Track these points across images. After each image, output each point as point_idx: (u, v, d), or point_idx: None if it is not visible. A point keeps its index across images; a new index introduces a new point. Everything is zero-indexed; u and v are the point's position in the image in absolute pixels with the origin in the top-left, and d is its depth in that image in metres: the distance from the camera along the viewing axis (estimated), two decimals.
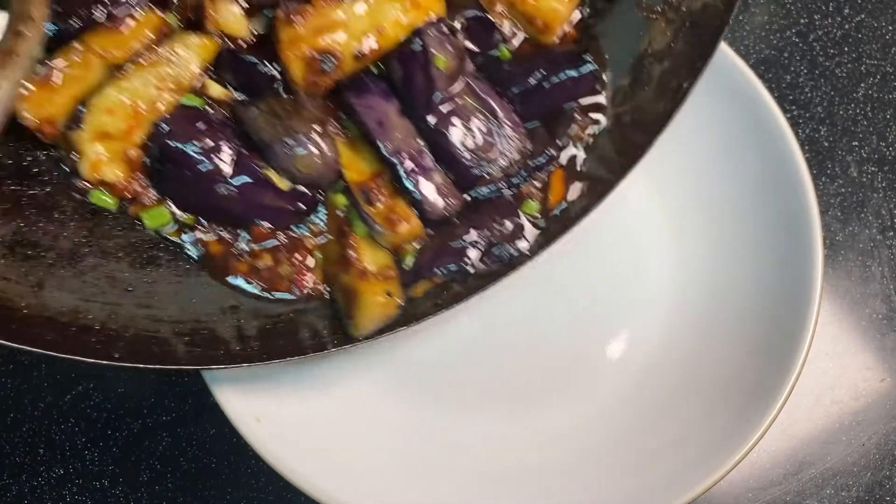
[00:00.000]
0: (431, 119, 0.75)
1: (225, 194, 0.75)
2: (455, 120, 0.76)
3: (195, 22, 0.73)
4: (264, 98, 0.74)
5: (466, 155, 0.76)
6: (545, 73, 0.80)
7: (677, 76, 0.81)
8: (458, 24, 0.79)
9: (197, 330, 0.76)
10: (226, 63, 0.75)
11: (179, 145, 0.73)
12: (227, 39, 0.75)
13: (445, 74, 0.76)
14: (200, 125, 0.74)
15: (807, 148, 1.07)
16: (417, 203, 0.75)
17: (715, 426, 0.82)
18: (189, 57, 0.73)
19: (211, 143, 0.73)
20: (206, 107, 0.75)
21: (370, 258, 0.77)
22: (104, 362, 0.72)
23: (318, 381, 0.86)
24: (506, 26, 0.82)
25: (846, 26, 1.16)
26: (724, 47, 0.95)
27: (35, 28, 0.53)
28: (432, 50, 0.75)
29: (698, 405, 0.84)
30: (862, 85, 1.12)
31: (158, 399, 0.95)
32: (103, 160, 0.72)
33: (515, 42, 0.83)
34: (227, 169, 0.74)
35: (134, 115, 0.71)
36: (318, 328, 0.78)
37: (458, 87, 0.76)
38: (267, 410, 0.81)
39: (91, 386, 0.96)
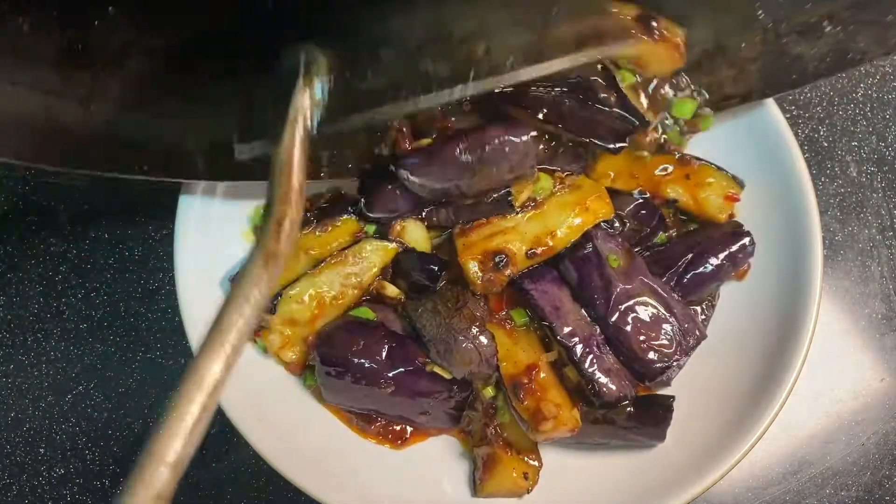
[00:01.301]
0: (612, 318, 0.78)
1: (382, 391, 0.80)
2: (635, 317, 0.78)
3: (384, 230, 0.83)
4: (430, 297, 0.80)
5: (650, 353, 0.78)
6: (703, 255, 0.84)
7: (735, 86, 0.85)
8: (624, 213, 0.84)
9: (216, 145, 0.80)
10: (403, 264, 0.82)
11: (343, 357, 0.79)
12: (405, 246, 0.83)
13: (620, 272, 0.79)
14: (370, 336, 0.80)
15: (806, 148, 1.07)
16: (593, 384, 0.77)
17: (715, 426, 0.82)
18: (371, 259, 0.83)
19: (374, 349, 0.79)
20: (377, 314, 0.82)
21: (515, 436, 0.81)
22: (136, 177, 0.77)
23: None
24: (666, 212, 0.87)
25: None
26: None
27: (294, 232, 0.55)
28: (604, 252, 0.79)
29: (698, 405, 0.84)
30: (861, 85, 1.12)
31: (159, 399, 0.95)
32: (287, 343, 0.82)
33: (674, 228, 0.89)
34: (384, 369, 0.79)
35: (319, 307, 0.81)
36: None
37: (634, 285, 0.79)
38: (267, 411, 0.81)
39: (92, 386, 0.96)
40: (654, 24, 0.79)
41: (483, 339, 0.78)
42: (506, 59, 0.58)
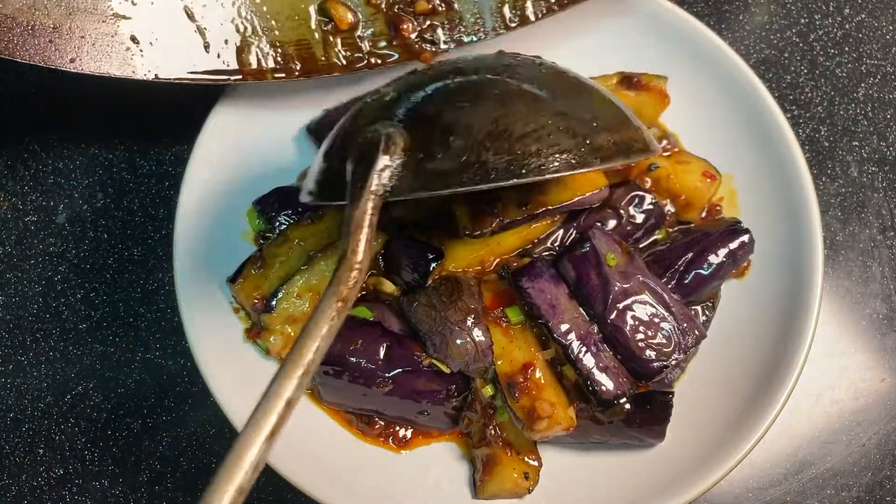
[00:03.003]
0: (610, 317, 0.78)
1: (380, 390, 0.80)
2: (633, 316, 0.79)
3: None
4: (424, 291, 0.81)
5: (648, 352, 0.78)
6: (703, 253, 0.85)
7: None
8: (620, 206, 0.85)
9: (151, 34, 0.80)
10: (395, 255, 0.84)
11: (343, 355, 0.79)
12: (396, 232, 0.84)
13: (618, 271, 0.79)
14: (366, 331, 0.81)
15: (807, 148, 1.07)
16: (590, 382, 0.77)
17: (715, 426, 0.82)
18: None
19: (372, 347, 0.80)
20: (374, 313, 0.82)
21: (514, 435, 0.81)
22: (63, 68, 0.76)
23: None
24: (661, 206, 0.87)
25: (846, 26, 1.16)
26: (724, 47, 0.95)
27: (361, 279, 0.60)
28: (602, 250, 0.79)
29: (699, 405, 0.84)
30: (862, 85, 1.12)
31: (158, 399, 0.95)
32: (289, 343, 0.81)
33: (670, 224, 0.89)
34: (382, 365, 0.80)
35: (316, 300, 0.78)
36: None
37: (632, 284, 0.79)
38: None
39: (91, 386, 0.96)
40: (637, 80, 0.90)
41: (478, 331, 0.78)
42: (551, 158, 0.64)
